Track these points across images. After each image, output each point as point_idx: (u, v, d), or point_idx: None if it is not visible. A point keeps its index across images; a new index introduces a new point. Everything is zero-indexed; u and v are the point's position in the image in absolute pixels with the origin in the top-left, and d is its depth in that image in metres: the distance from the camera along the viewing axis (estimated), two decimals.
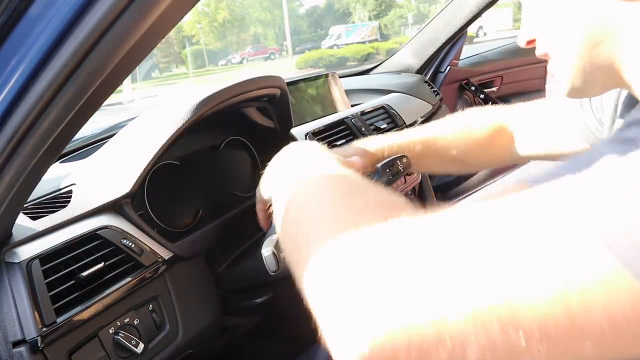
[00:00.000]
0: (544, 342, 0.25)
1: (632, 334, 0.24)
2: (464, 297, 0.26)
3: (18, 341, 0.57)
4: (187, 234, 0.82)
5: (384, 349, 0.26)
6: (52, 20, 0.38)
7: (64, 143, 0.51)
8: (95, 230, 0.67)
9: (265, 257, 0.65)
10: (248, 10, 31.56)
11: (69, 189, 0.76)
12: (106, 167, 0.80)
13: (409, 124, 1.46)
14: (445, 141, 0.78)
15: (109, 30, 0.38)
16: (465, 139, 0.78)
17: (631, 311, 0.24)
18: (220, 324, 0.86)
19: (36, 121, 0.44)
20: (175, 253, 0.76)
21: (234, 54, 28.82)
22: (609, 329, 0.24)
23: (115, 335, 0.65)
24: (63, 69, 0.40)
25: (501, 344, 0.25)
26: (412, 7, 27.48)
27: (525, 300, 0.25)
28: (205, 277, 0.82)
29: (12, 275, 0.58)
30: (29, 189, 0.56)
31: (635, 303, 0.24)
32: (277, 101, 0.97)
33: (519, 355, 0.25)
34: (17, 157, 0.46)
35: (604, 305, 0.24)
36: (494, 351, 0.25)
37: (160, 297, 0.73)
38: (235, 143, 1.02)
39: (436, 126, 0.81)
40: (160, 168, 0.85)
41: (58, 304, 0.60)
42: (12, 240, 0.61)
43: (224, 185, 0.98)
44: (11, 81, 0.41)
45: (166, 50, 25.12)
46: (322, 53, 20.15)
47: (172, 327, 0.74)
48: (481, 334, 0.25)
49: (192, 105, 0.77)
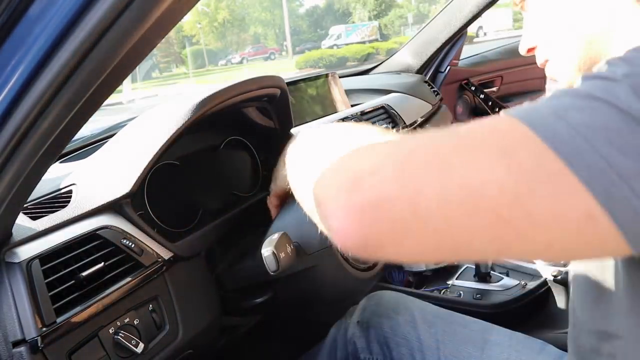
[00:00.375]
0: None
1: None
2: (430, 180, 0.32)
3: (18, 341, 0.57)
4: (187, 234, 0.82)
5: (371, 217, 0.33)
6: (52, 20, 0.38)
7: (64, 143, 0.51)
8: (95, 230, 0.67)
9: (265, 257, 0.65)
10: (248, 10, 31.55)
11: (69, 189, 0.76)
12: (106, 167, 0.80)
13: (409, 124, 1.46)
14: None
15: (109, 30, 0.38)
16: None
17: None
18: (220, 324, 0.86)
19: (36, 121, 0.44)
20: (175, 253, 0.76)
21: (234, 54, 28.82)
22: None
23: (115, 335, 0.65)
24: (63, 69, 0.40)
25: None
26: (412, 7, 27.48)
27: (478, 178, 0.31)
28: (205, 277, 0.82)
29: (12, 275, 0.58)
30: (29, 189, 0.56)
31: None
32: (277, 101, 0.97)
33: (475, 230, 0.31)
34: (17, 157, 0.46)
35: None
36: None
37: (160, 297, 0.73)
38: (235, 143, 1.02)
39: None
40: (160, 168, 0.85)
41: (58, 304, 0.60)
42: (12, 240, 0.61)
43: (224, 185, 0.98)
44: (11, 81, 0.41)
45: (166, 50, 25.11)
46: (322, 53, 20.14)
47: (172, 327, 0.74)
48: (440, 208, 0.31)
49: (192, 105, 0.77)
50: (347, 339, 0.90)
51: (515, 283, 1.18)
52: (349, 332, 0.90)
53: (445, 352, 0.80)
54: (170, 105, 0.82)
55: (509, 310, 1.13)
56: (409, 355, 0.83)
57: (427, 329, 0.84)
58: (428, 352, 0.82)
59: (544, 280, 1.16)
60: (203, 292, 0.81)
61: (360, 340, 0.88)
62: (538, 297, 1.15)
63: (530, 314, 1.15)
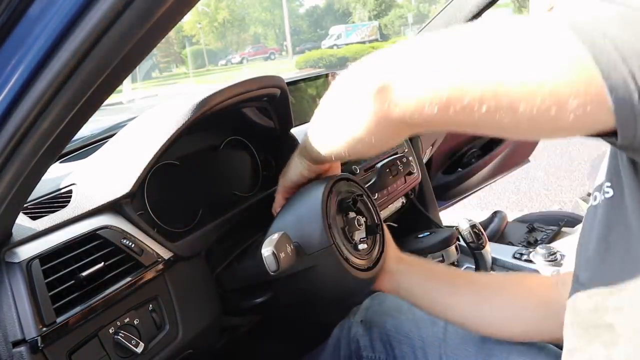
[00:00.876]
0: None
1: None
2: (467, 72, 0.39)
3: (18, 341, 0.57)
4: (187, 234, 0.82)
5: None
6: (52, 20, 0.38)
7: (64, 143, 0.51)
8: (95, 230, 0.67)
9: (265, 257, 0.65)
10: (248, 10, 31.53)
11: (69, 189, 0.76)
12: (106, 167, 0.80)
13: None
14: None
15: (109, 30, 0.38)
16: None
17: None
18: (220, 324, 0.86)
19: (36, 121, 0.44)
20: (175, 253, 0.76)
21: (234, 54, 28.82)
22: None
23: (115, 335, 0.65)
24: (63, 69, 0.40)
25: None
26: (412, 7, 27.47)
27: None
28: (205, 277, 0.82)
29: (12, 275, 0.58)
30: (29, 189, 0.56)
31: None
32: (277, 101, 0.97)
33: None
34: (17, 157, 0.46)
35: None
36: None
37: (160, 297, 0.73)
38: (235, 143, 1.02)
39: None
40: (160, 168, 0.85)
41: (58, 304, 0.60)
42: (12, 240, 0.61)
43: (224, 185, 0.98)
44: (11, 81, 0.41)
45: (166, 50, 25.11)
46: (322, 53, 20.15)
47: (172, 327, 0.74)
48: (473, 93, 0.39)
49: (192, 105, 0.77)
50: (351, 337, 0.90)
51: None
52: (352, 331, 0.90)
53: (447, 350, 0.81)
54: (170, 105, 0.82)
55: None
56: (411, 353, 0.83)
57: (429, 328, 0.84)
58: (430, 350, 0.82)
59: None
60: (203, 292, 0.81)
61: (364, 339, 0.89)
62: None
63: None
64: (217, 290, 0.83)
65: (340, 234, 0.72)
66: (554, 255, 1.21)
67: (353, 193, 0.78)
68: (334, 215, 0.73)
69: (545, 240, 1.45)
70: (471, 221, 1.21)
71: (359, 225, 0.75)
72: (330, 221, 0.71)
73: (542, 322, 0.70)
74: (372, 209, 0.82)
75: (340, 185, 0.78)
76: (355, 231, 0.75)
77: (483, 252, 1.20)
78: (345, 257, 0.71)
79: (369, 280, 0.77)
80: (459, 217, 1.26)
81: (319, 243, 0.69)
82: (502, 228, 1.61)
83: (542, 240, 1.45)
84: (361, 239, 0.76)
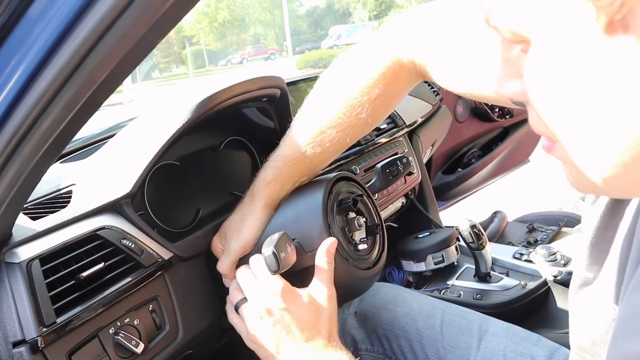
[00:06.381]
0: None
1: None
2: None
3: (18, 341, 0.57)
4: (187, 234, 0.82)
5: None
6: (52, 20, 0.38)
7: (64, 143, 0.51)
8: (95, 231, 0.67)
9: (266, 257, 0.65)
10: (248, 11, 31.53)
11: (69, 189, 0.75)
12: (106, 167, 0.80)
13: (409, 123, 1.46)
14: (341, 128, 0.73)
15: (109, 30, 0.38)
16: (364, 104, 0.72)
17: None
18: (220, 324, 0.86)
19: (36, 121, 0.44)
20: (175, 253, 0.76)
21: (234, 54, 28.81)
22: None
23: (115, 336, 0.65)
24: (63, 69, 0.40)
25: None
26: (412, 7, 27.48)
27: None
28: (205, 277, 0.82)
29: (12, 275, 0.58)
30: (29, 189, 0.56)
31: None
32: (277, 101, 0.97)
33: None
34: (17, 157, 0.46)
35: None
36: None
37: (160, 297, 0.73)
38: (235, 143, 1.02)
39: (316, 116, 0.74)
40: (160, 168, 0.85)
41: (58, 304, 0.60)
42: (12, 241, 0.61)
43: (224, 185, 0.98)
44: (11, 81, 0.41)
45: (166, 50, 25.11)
46: (322, 53, 20.14)
47: (172, 327, 0.74)
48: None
49: (192, 105, 0.77)
50: (345, 330, 0.90)
51: (515, 283, 1.18)
52: (346, 323, 0.90)
53: (444, 343, 0.81)
54: (170, 106, 0.82)
55: (508, 310, 1.13)
56: (408, 347, 0.83)
57: (426, 320, 0.84)
58: (427, 344, 0.82)
59: (544, 281, 1.16)
60: (203, 292, 0.81)
61: (359, 332, 0.88)
62: (538, 298, 1.15)
63: (530, 314, 1.15)
64: (217, 291, 0.83)
65: (340, 234, 0.72)
66: (554, 255, 1.21)
67: (353, 193, 0.78)
68: (334, 215, 0.73)
69: (545, 240, 1.45)
70: (471, 221, 1.21)
71: (359, 225, 0.75)
72: (330, 220, 0.71)
73: None
74: (372, 209, 0.82)
75: (340, 185, 0.78)
76: (355, 231, 0.75)
77: (483, 252, 1.20)
78: (344, 257, 0.71)
79: (368, 280, 0.77)
80: (459, 217, 1.26)
81: (319, 242, 0.69)
82: (502, 228, 1.62)
83: (542, 240, 1.45)
84: (361, 239, 0.76)
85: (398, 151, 1.38)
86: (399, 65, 0.70)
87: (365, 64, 0.72)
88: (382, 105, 0.73)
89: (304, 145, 0.73)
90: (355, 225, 0.75)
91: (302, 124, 0.75)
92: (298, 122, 0.76)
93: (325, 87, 0.76)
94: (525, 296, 1.13)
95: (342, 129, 0.72)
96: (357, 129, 0.74)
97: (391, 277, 1.44)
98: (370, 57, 0.72)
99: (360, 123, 0.73)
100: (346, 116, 0.72)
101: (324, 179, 0.77)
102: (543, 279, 1.17)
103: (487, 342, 0.79)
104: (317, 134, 0.73)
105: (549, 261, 1.20)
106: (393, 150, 1.36)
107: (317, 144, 0.73)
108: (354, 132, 0.74)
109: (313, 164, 0.76)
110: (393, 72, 0.71)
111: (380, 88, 0.71)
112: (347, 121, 0.72)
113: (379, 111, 0.75)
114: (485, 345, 0.78)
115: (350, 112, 0.71)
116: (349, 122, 0.72)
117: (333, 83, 0.75)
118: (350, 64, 0.74)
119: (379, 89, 0.71)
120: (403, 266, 1.39)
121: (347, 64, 0.75)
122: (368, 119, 0.73)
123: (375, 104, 0.71)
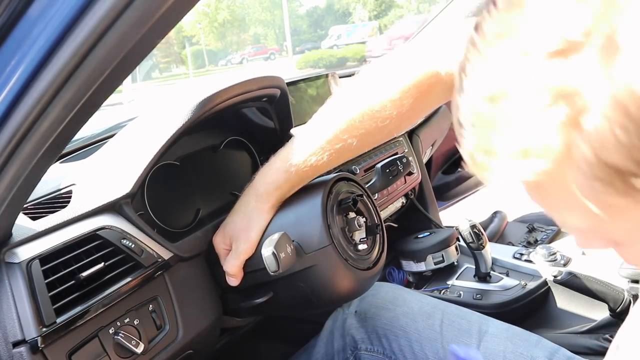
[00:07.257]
0: None
1: None
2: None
3: (18, 341, 0.57)
4: (187, 234, 0.82)
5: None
6: (52, 20, 0.38)
7: (64, 143, 0.51)
8: (95, 231, 0.67)
9: (265, 257, 0.65)
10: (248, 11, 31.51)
11: (69, 189, 0.75)
12: (106, 167, 0.80)
13: None
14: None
15: (109, 30, 0.38)
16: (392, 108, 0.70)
17: None
18: (220, 324, 0.86)
19: (36, 121, 0.44)
20: (175, 253, 0.76)
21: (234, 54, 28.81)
22: None
23: (115, 336, 0.65)
24: (63, 69, 0.40)
25: None
26: (412, 7, 27.45)
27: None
28: (205, 277, 0.82)
29: (12, 275, 0.58)
30: (29, 189, 0.56)
31: None
32: (277, 101, 0.97)
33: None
34: (17, 157, 0.46)
35: None
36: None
37: (160, 297, 0.73)
38: (235, 143, 1.02)
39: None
40: (160, 168, 0.85)
41: (58, 304, 0.60)
42: (12, 241, 0.61)
43: (224, 185, 0.98)
44: (11, 81, 0.41)
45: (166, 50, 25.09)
46: (322, 53, 20.15)
47: (172, 327, 0.74)
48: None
49: (192, 105, 0.77)
50: (345, 330, 0.90)
51: (515, 283, 1.18)
52: (346, 322, 0.90)
53: (444, 343, 0.81)
54: (170, 106, 0.82)
55: (508, 310, 1.13)
56: (408, 347, 0.83)
57: (425, 321, 0.84)
58: (427, 344, 0.82)
59: (544, 281, 1.16)
60: (203, 292, 0.81)
61: (359, 331, 0.88)
62: (538, 298, 1.15)
63: (530, 315, 1.15)
64: (217, 291, 0.83)
65: (340, 234, 0.72)
66: (554, 255, 1.21)
67: (353, 193, 0.78)
68: (334, 215, 0.73)
69: (545, 240, 1.45)
70: (471, 221, 1.21)
71: (359, 225, 0.75)
72: (330, 221, 0.71)
73: None
74: (372, 209, 0.82)
75: (340, 185, 0.78)
76: (355, 231, 0.75)
77: (483, 252, 1.20)
78: (344, 257, 0.71)
79: (368, 280, 0.77)
80: (459, 217, 1.26)
81: (318, 242, 0.69)
82: (502, 228, 1.62)
83: (542, 240, 1.45)
84: (361, 240, 0.76)
85: (398, 151, 1.38)
86: (435, 78, 0.67)
87: (398, 74, 0.69)
88: (408, 117, 0.71)
89: (320, 152, 0.71)
90: (355, 225, 0.75)
91: (319, 129, 0.73)
92: (315, 127, 0.73)
93: (350, 95, 0.73)
94: (525, 296, 1.13)
95: (362, 138, 0.70)
96: (377, 137, 0.73)
97: (391, 277, 1.44)
98: (405, 67, 0.70)
99: (383, 132, 0.71)
100: (371, 126, 0.69)
101: (323, 179, 0.77)
102: (543, 279, 1.17)
103: (487, 343, 0.79)
104: (336, 141, 0.70)
105: (549, 261, 1.20)
106: (393, 150, 1.36)
107: (335, 150, 0.71)
108: (374, 140, 0.72)
109: (326, 170, 0.75)
110: (428, 86, 0.68)
111: (411, 100, 0.68)
112: (370, 130, 0.70)
113: (404, 123, 0.73)
114: (485, 346, 0.78)
115: (375, 122, 0.69)
116: (371, 132, 0.70)
117: (359, 91, 0.72)
118: (381, 73, 0.72)
119: (410, 101, 0.68)
120: (403, 266, 1.39)
121: (377, 72, 0.72)
122: (393, 131, 0.71)
123: (403, 116, 0.69)
